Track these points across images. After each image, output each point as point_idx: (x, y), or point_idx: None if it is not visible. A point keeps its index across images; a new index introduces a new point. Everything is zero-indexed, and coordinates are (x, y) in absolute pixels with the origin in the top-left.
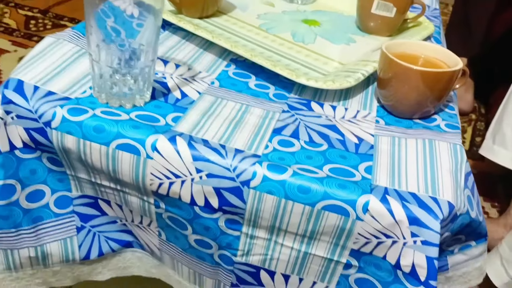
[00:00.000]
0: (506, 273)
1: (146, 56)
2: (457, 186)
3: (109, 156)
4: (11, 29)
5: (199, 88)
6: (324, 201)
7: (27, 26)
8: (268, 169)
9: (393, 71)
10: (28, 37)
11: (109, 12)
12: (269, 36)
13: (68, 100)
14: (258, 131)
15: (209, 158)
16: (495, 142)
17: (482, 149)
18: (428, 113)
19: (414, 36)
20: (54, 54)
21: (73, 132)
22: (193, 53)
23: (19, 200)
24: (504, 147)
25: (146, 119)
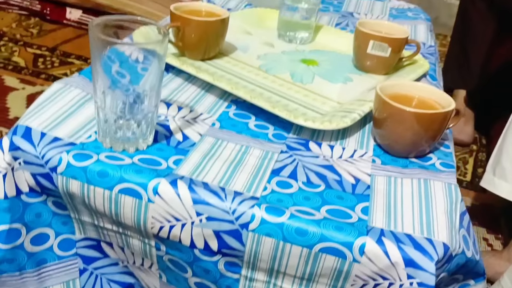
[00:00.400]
0: None
1: (150, 100)
2: (452, 227)
3: (112, 200)
4: (20, 67)
5: (200, 129)
6: (321, 243)
7: (35, 64)
8: (266, 212)
9: (387, 112)
10: (36, 75)
11: (114, 57)
12: (269, 77)
13: (74, 145)
14: (257, 173)
15: (209, 201)
16: (495, 174)
17: (483, 181)
18: (423, 152)
19: (410, 74)
20: (61, 99)
21: (77, 177)
22: (196, 95)
23: (23, 244)
24: (504, 179)
25: (148, 162)
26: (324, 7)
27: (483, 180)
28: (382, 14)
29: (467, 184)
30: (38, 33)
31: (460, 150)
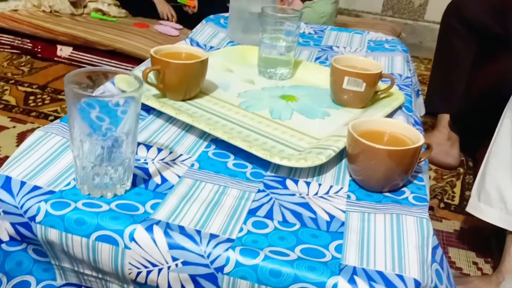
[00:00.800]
0: None
1: (127, 145)
2: (424, 261)
3: (90, 248)
4: (11, 105)
5: (179, 171)
6: (295, 284)
7: (26, 102)
8: (241, 254)
9: (359, 148)
10: (26, 113)
11: (94, 103)
12: (248, 114)
13: (53, 193)
14: (233, 214)
15: (184, 246)
16: (480, 200)
17: (469, 207)
18: (397, 186)
19: (385, 107)
20: (42, 147)
21: (55, 226)
22: (176, 135)
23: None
24: (489, 205)
25: (125, 208)
26: (304, 41)
27: (469, 206)
28: (361, 47)
29: (455, 208)
30: (29, 71)
31: (447, 174)
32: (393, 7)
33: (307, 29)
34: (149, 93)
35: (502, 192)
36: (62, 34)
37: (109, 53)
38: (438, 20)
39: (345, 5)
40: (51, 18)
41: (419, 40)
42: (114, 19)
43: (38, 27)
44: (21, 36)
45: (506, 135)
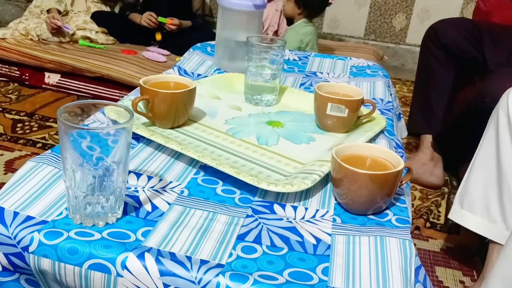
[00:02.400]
0: None
1: (118, 174)
2: (407, 282)
3: (82, 276)
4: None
5: (169, 198)
6: None
7: (13, 129)
8: (231, 279)
9: (343, 173)
10: (14, 141)
11: (85, 133)
12: (236, 141)
13: (45, 223)
14: (223, 239)
15: (175, 272)
16: (463, 207)
17: (451, 214)
18: (380, 208)
19: (368, 132)
20: (34, 178)
21: (48, 255)
22: (166, 163)
23: None
24: (472, 212)
25: (117, 236)
26: (289, 68)
27: (451, 212)
28: (343, 73)
29: (441, 227)
30: (17, 99)
31: (432, 193)
32: (375, 31)
33: (292, 56)
34: (139, 121)
35: (486, 200)
36: (49, 61)
37: (97, 80)
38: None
39: (329, 29)
40: (39, 46)
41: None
42: (102, 46)
43: (26, 55)
44: (9, 64)
45: (490, 143)
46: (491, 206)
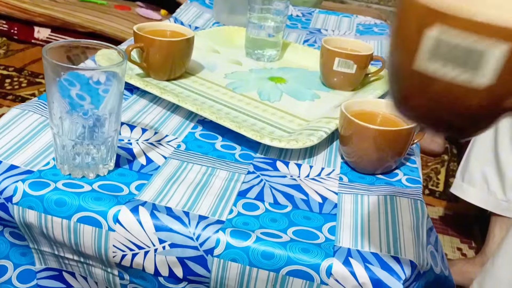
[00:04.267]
0: None
1: (110, 124)
2: (419, 243)
3: (71, 230)
4: None
5: (165, 152)
6: (288, 267)
7: (2, 85)
8: (232, 236)
9: (352, 129)
10: (2, 96)
11: (74, 80)
12: (236, 96)
13: (31, 173)
14: (223, 195)
15: (172, 228)
16: (464, 180)
17: (453, 187)
18: (389, 168)
19: (376, 90)
20: (19, 126)
21: (34, 207)
22: (161, 116)
23: None
24: (472, 185)
25: (109, 189)
26: (292, 24)
27: (453, 186)
28: (349, 30)
29: (440, 194)
30: (5, 53)
31: (432, 161)
32: None
33: (295, 12)
34: (132, 72)
35: (485, 173)
36: (39, 15)
37: (88, 36)
38: None
39: None
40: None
41: None
42: (104, 2)
43: (15, 8)
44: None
45: None
46: (489, 179)
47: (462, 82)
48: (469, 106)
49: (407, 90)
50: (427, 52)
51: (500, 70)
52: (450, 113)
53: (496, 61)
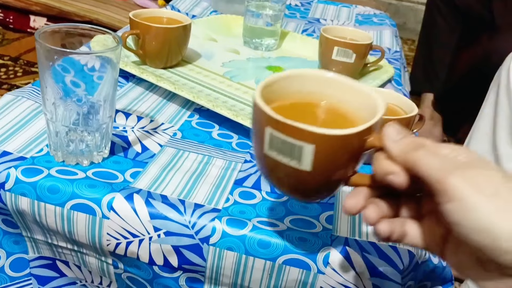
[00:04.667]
0: None
1: (104, 111)
2: None
3: (64, 217)
4: None
5: (160, 140)
6: (284, 256)
7: None
8: (228, 225)
9: None
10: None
11: (68, 66)
12: (233, 84)
13: (24, 160)
14: (219, 184)
15: (167, 216)
16: None
17: None
18: None
19: (375, 80)
20: (12, 112)
21: (27, 194)
22: (157, 104)
23: None
24: None
25: (103, 176)
26: (290, 13)
27: None
28: (348, 20)
29: None
30: (0, 42)
31: None
32: None
33: (294, 1)
34: (128, 59)
35: None
36: (35, 3)
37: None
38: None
39: None
40: None
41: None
42: None
43: None
44: None
45: (488, 109)
46: None
47: (294, 166)
48: (305, 182)
49: (264, 168)
50: (267, 143)
51: (314, 161)
52: (295, 187)
53: (310, 155)
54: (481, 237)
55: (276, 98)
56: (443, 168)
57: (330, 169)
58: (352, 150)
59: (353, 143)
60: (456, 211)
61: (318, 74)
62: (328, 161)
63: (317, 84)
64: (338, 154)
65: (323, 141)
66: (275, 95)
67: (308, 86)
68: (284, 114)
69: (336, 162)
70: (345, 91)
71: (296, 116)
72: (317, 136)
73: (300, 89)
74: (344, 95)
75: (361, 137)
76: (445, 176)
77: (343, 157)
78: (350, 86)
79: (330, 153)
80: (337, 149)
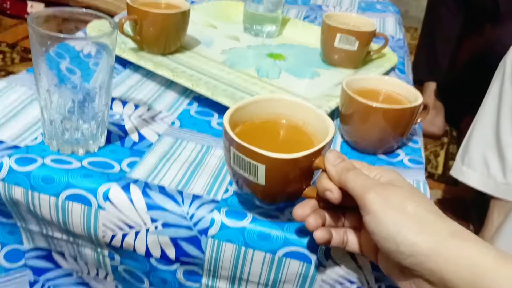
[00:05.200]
0: None
1: (100, 98)
2: None
3: (59, 208)
4: None
5: (158, 129)
6: (285, 248)
7: None
8: (227, 216)
9: (353, 108)
10: None
11: (64, 53)
12: (233, 72)
13: (17, 148)
14: (218, 174)
15: (164, 207)
16: (464, 163)
17: (452, 170)
18: (391, 148)
19: (378, 68)
20: (6, 99)
21: (20, 183)
22: (154, 92)
23: None
24: (472, 168)
25: (99, 166)
26: (292, 0)
27: (453, 169)
28: (351, 7)
29: (439, 177)
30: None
31: (431, 143)
32: None
33: None
34: (126, 46)
35: (485, 156)
36: None
37: None
38: None
39: None
40: None
41: (405, 9)
42: None
43: None
44: None
45: (492, 99)
46: (490, 162)
47: (252, 180)
48: (263, 192)
49: (233, 177)
50: (232, 159)
51: (266, 177)
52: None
53: (263, 172)
54: (389, 244)
55: (246, 119)
56: (364, 186)
57: (281, 184)
58: (299, 170)
59: (299, 164)
60: (371, 222)
61: (282, 98)
62: (278, 178)
63: (281, 107)
64: (286, 173)
65: (272, 162)
66: (246, 116)
67: (272, 108)
68: (250, 132)
69: (286, 179)
70: (304, 113)
71: (261, 133)
72: (267, 158)
73: (265, 111)
74: (303, 115)
75: (306, 160)
76: (364, 192)
77: (291, 175)
78: (309, 108)
79: (279, 172)
80: (285, 169)
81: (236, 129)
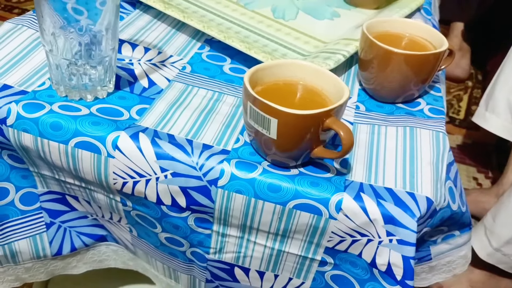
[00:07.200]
0: (489, 244)
1: (107, 41)
2: (438, 179)
3: (69, 155)
4: None
5: (168, 74)
6: (295, 200)
7: None
8: (237, 167)
9: (374, 53)
10: (9, 10)
11: None
12: (248, 13)
13: (25, 94)
14: (229, 123)
15: (174, 156)
16: (487, 109)
17: (475, 116)
18: (412, 96)
19: (402, 8)
20: (12, 41)
21: (29, 130)
22: (165, 34)
23: None
24: (496, 114)
25: (108, 113)
26: None
27: (475, 115)
28: None
29: (460, 122)
30: None
31: (455, 87)
32: None
33: None
34: None
35: (510, 102)
36: None
37: None
38: None
39: None
40: None
41: None
42: None
43: None
44: None
45: None
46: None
47: (265, 134)
48: (274, 148)
49: (248, 132)
50: (248, 113)
51: (278, 132)
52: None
53: (275, 126)
54: None
55: (267, 80)
56: None
57: (291, 140)
58: (309, 127)
59: (309, 121)
60: None
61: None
62: (289, 133)
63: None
64: (297, 128)
65: (284, 117)
66: (267, 78)
67: (292, 72)
68: (269, 91)
69: (296, 135)
70: (318, 76)
71: (279, 93)
72: (280, 112)
73: (286, 74)
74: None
75: (316, 118)
76: None
77: (302, 132)
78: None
79: (290, 127)
80: (296, 124)
81: (255, 88)
